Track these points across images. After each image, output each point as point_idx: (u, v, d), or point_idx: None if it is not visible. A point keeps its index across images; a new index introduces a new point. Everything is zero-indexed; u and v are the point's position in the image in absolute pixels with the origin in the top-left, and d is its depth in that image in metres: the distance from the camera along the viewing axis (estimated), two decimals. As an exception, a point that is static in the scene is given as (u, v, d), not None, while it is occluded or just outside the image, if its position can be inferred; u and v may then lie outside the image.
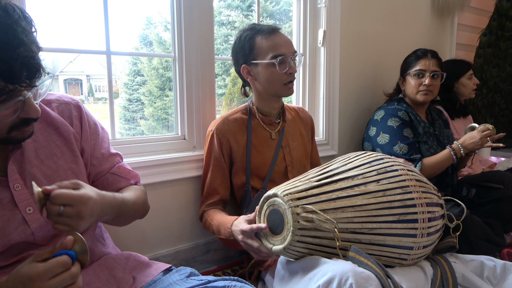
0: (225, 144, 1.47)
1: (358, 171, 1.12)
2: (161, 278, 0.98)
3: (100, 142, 1.05)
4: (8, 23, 0.73)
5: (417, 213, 1.08)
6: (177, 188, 1.57)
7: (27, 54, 0.75)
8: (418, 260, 1.13)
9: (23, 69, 0.74)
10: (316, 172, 1.15)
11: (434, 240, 1.15)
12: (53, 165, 0.93)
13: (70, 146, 0.97)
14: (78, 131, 1.00)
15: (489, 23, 3.21)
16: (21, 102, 0.78)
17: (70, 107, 1.00)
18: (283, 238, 1.04)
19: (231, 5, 3.46)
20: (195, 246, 1.65)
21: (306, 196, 1.05)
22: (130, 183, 1.10)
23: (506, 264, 1.16)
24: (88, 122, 1.03)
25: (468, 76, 2.27)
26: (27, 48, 0.75)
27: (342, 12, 2.08)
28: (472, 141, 1.71)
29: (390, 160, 1.18)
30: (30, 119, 0.82)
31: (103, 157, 1.05)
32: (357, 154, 1.23)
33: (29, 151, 0.91)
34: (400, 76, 1.97)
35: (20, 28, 0.75)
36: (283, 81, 1.42)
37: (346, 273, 0.90)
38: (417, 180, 1.14)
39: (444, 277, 1.07)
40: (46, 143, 0.94)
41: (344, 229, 1.03)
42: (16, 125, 0.81)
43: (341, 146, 2.20)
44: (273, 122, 1.54)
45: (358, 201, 1.05)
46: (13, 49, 0.73)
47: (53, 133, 0.95)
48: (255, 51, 1.42)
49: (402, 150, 1.75)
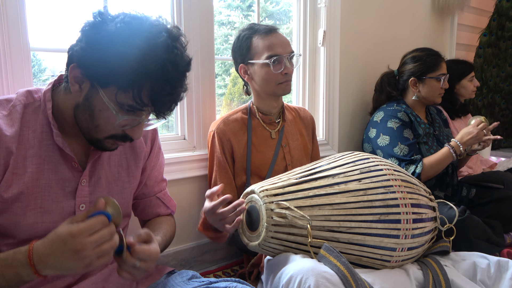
0: (227, 143, 1.47)
1: (340, 169, 1.12)
2: (163, 281, 1.00)
3: (158, 166, 1.13)
4: (184, 64, 0.84)
5: (400, 213, 1.06)
6: (177, 188, 1.57)
7: (180, 96, 0.86)
8: (404, 263, 1.11)
9: (171, 104, 0.85)
10: (300, 170, 1.16)
11: (422, 243, 1.12)
12: (116, 174, 1.00)
13: (137, 162, 1.04)
14: (148, 151, 1.07)
15: (489, 23, 3.21)
16: (137, 121, 0.86)
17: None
18: (258, 234, 1.05)
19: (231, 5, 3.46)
20: (195, 246, 1.65)
21: (282, 193, 1.05)
22: (167, 211, 1.16)
23: (500, 262, 1.10)
24: (157, 145, 1.10)
25: (469, 78, 2.26)
26: (183, 90, 0.86)
27: (342, 12, 2.08)
28: (469, 136, 1.70)
29: (376, 160, 1.17)
30: (130, 138, 0.88)
31: (156, 180, 1.12)
32: (344, 154, 1.22)
33: (104, 155, 0.97)
34: (414, 78, 1.87)
35: (187, 71, 0.86)
36: (278, 81, 1.43)
37: (306, 273, 0.89)
38: (403, 180, 1.12)
39: (436, 281, 1.04)
40: (118, 153, 1.00)
41: (321, 226, 1.02)
42: (116, 136, 0.87)
43: (341, 146, 2.20)
44: (273, 122, 1.54)
45: (336, 199, 1.04)
46: (177, 86, 0.83)
47: (128, 146, 1.02)
48: (252, 51, 1.43)
49: (403, 151, 1.75)
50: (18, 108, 0.87)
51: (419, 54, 1.91)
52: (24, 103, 0.88)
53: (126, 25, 0.79)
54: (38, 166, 0.87)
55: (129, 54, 0.77)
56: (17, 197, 0.84)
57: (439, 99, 1.90)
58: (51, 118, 0.87)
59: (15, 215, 0.85)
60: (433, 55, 1.89)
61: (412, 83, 1.89)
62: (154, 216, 1.13)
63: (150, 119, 0.90)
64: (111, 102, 0.81)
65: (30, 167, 0.86)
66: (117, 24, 0.79)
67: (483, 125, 1.71)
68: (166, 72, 0.79)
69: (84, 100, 0.84)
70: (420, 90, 1.89)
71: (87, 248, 0.69)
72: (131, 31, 0.79)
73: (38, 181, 0.87)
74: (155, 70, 0.78)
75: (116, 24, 0.79)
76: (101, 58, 0.78)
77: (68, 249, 0.69)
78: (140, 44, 0.78)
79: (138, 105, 0.81)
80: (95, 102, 0.83)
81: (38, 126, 0.88)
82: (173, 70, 0.80)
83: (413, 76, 1.88)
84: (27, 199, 0.85)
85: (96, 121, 0.84)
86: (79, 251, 0.69)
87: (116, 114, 0.82)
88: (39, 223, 0.87)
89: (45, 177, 0.88)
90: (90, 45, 0.80)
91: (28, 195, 0.86)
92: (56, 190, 0.89)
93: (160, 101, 0.82)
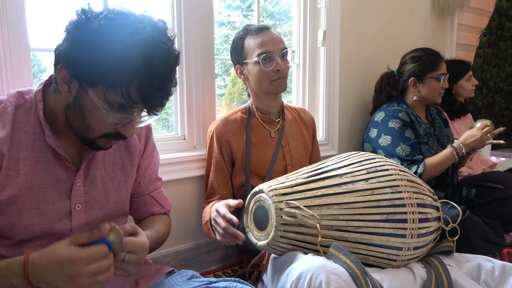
0: (225, 144, 1.47)
1: (347, 169, 1.12)
2: (163, 281, 1.00)
3: (152, 164, 1.12)
4: (171, 58, 0.82)
5: (406, 213, 1.07)
6: (177, 188, 1.57)
7: (170, 92, 0.84)
8: (409, 262, 1.12)
9: (161, 100, 0.83)
10: (306, 170, 1.16)
11: (427, 242, 1.14)
12: (112, 173, 0.99)
13: (132, 160, 1.03)
14: (142, 149, 1.07)
15: (489, 23, 3.21)
16: (128, 119, 0.84)
17: (143, 127, 1.06)
18: (267, 233, 1.04)
19: (231, 5, 3.46)
20: (195, 246, 1.65)
21: (291, 192, 1.05)
22: (162, 210, 1.15)
23: (505, 266, 1.11)
24: (151, 143, 1.10)
25: (467, 78, 2.25)
26: (172, 85, 0.84)
27: (342, 12, 2.08)
28: (473, 139, 1.70)
29: (381, 160, 1.17)
30: (123, 136, 0.87)
31: (150, 179, 1.11)
32: (350, 154, 1.23)
33: (98, 154, 0.96)
34: (414, 78, 1.87)
35: (176, 65, 0.84)
36: (270, 78, 1.43)
37: (317, 270, 0.90)
38: (408, 181, 1.13)
39: (439, 280, 1.05)
40: (113, 151, 1.00)
41: (329, 226, 1.03)
42: (109, 134, 0.86)
43: (341, 146, 2.20)
44: (272, 121, 1.54)
45: (344, 198, 1.05)
46: (166, 82, 0.81)
47: (122, 144, 1.01)
48: (245, 51, 1.46)
49: (405, 151, 1.75)
50: (9, 109, 0.86)
51: (419, 54, 1.91)
52: (15, 104, 0.87)
53: (110, 21, 0.77)
54: (31, 168, 0.86)
55: (114, 51, 0.75)
56: (11, 199, 0.84)
57: (439, 99, 1.89)
58: (42, 119, 0.86)
59: (10, 217, 0.84)
60: (433, 55, 1.89)
61: (412, 83, 1.89)
62: (148, 215, 1.12)
63: (142, 115, 0.88)
64: (101, 101, 0.80)
65: (23, 169, 0.85)
66: (100, 21, 0.77)
67: (488, 129, 1.71)
68: (154, 68, 0.78)
69: (74, 100, 0.82)
70: (420, 90, 1.88)
71: (82, 276, 0.69)
72: (115, 28, 0.77)
73: (33, 182, 0.86)
74: (142, 67, 0.77)
75: (99, 21, 0.77)
76: (87, 57, 0.76)
77: (64, 272, 0.69)
78: (124, 41, 0.76)
79: (128, 103, 0.80)
80: (85, 102, 0.81)
81: (30, 127, 0.87)
82: (160, 65, 0.78)
83: (412, 76, 1.88)
84: (21, 201, 0.85)
85: (87, 120, 0.83)
86: (75, 277, 0.69)
87: (107, 113, 0.80)
88: (35, 224, 0.87)
89: (39, 178, 0.87)
90: (75, 44, 0.78)
91: (23, 197, 0.85)
92: (50, 191, 0.88)
93: (150, 97, 0.81)
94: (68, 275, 0.69)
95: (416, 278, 1.05)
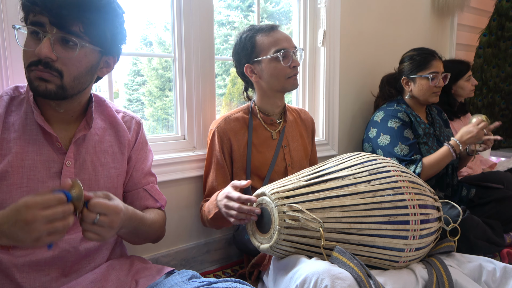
0: (226, 142, 1.47)
1: (349, 171, 1.12)
2: (163, 281, 1.00)
3: (144, 158, 1.14)
4: None
5: (408, 214, 1.07)
6: (177, 188, 1.57)
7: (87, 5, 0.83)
8: (411, 263, 1.12)
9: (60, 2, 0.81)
10: (308, 172, 1.15)
11: (429, 243, 1.14)
12: (103, 159, 1.02)
13: (121, 149, 1.07)
14: (133, 141, 1.11)
15: (489, 23, 3.21)
16: (32, 29, 0.84)
17: (133, 121, 1.13)
18: (270, 236, 1.04)
19: (231, 5, 3.46)
20: (195, 246, 1.65)
21: (294, 195, 1.05)
22: (156, 205, 1.15)
23: (506, 268, 1.10)
24: (142, 138, 1.14)
25: (466, 78, 2.25)
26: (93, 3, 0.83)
27: (342, 12, 2.08)
28: (469, 135, 1.70)
29: (383, 161, 1.17)
30: (42, 61, 0.84)
31: (143, 172, 1.13)
32: (351, 155, 1.22)
33: (90, 139, 1.01)
34: (405, 77, 1.90)
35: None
36: (287, 75, 1.44)
37: (322, 274, 0.89)
38: (410, 182, 1.13)
39: (440, 281, 1.05)
40: (104, 140, 1.04)
41: (332, 228, 1.02)
42: (32, 62, 0.85)
43: (341, 146, 2.20)
44: (274, 122, 1.54)
45: (347, 201, 1.04)
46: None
47: (113, 134, 1.06)
48: (257, 49, 1.44)
49: (403, 151, 1.75)
50: (4, 98, 0.93)
51: (412, 53, 1.93)
52: (11, 95, 0.95)
53: None
54: (22, 148, 0.91)
55: None
56: (2, 175, 0.87)
57: (435, 99, 1.88)
58: (32, 103, 0.92)
59: (1, 193, 0.87)
60: (424, 53, 1.88)
61: (404, 82, 1.91)
62: (142, 209, 1.12)
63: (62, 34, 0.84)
64: (24, 23, 0.86)
65: (15, 148, 0.90)
66: None
67: (484, 124, 1.71)
68: None
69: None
70: (412, 89, 1.90)
71: (37, 221, 0.70)
72: None
73: (23, 161, 0.90)
74: None
75: None
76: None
77: (20, 219, 0.70)
78: None
79: (27, 1, 0.82)
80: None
81: (22, 113, 0.93)
82: None
83: (404, 75, 1.91)
84: (12, 177, 0.88)
85: (23, 56, 0.87)
86: (29, 222, 0.69)
87: (20, 29, 0.85)
88: None
89: (30, 158, 0.91)
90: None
91: (14, 174, 0.88)
92: (41, 171, 0.92)
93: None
94: (24, 220, 0.70)
95: (418, 279, 1.05)
